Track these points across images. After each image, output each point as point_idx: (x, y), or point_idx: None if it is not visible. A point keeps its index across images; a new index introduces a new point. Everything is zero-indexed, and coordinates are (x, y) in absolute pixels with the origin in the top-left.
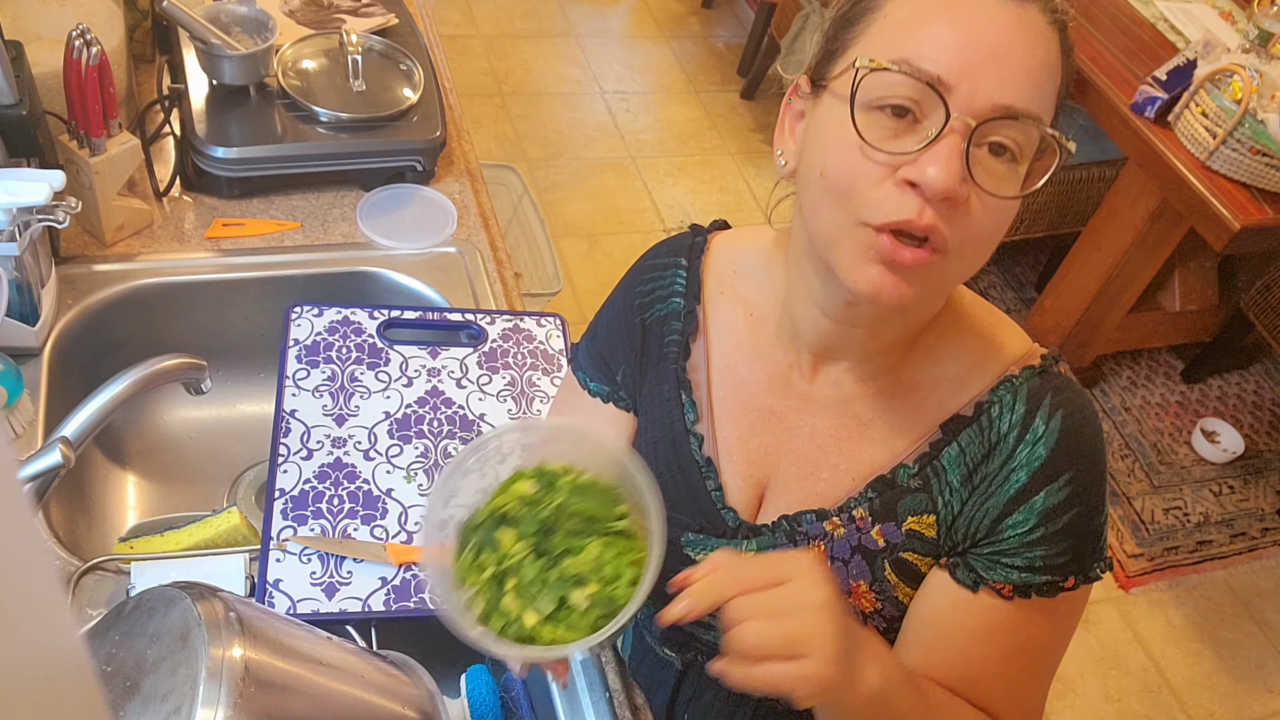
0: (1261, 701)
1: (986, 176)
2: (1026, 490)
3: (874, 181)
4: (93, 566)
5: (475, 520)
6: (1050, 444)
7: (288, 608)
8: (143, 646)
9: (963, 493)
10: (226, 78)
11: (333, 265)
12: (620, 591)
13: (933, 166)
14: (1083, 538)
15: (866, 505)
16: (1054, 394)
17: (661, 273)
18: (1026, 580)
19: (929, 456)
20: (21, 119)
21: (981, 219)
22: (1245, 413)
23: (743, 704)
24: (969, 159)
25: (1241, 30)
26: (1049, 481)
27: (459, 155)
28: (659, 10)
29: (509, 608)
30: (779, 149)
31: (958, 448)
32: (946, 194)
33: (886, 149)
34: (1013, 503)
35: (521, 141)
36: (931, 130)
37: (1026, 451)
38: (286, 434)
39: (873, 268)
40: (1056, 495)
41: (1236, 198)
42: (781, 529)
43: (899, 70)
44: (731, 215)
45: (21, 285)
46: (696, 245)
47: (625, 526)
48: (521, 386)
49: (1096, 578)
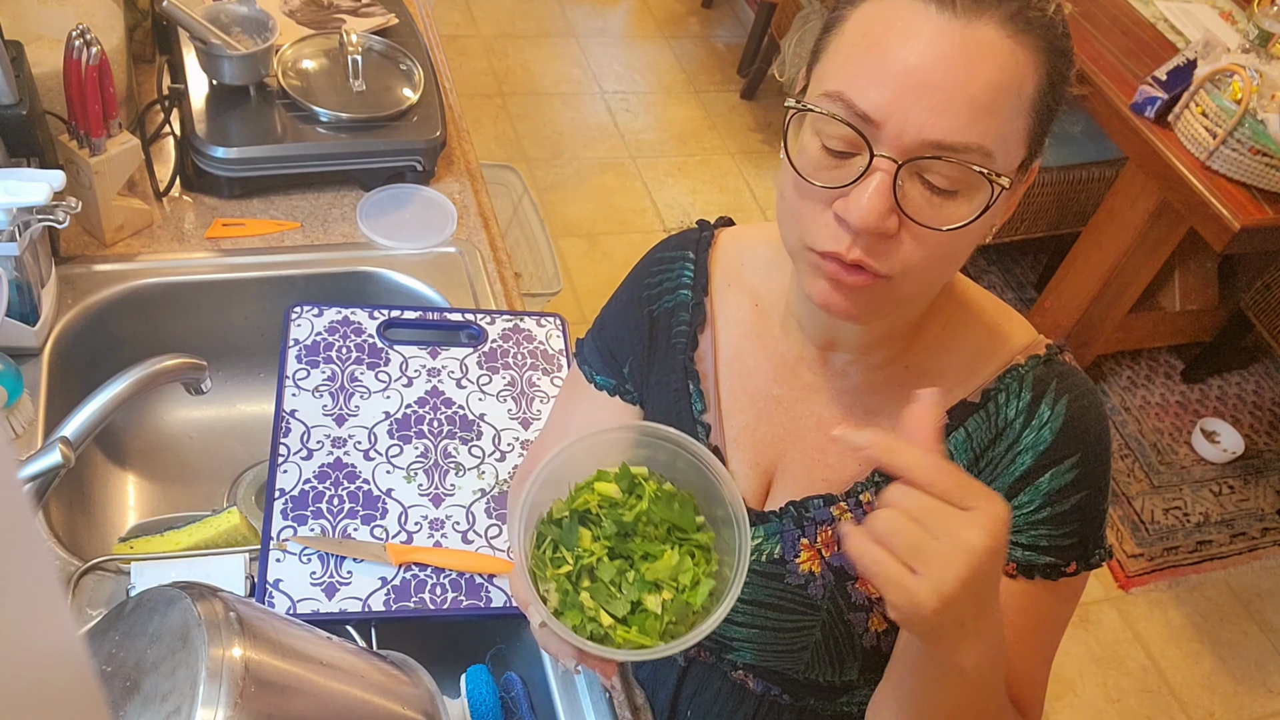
0: (1261, 701)
1: (918, 209)
2: (1031, 472)
3: (816, 211)
4: (93, 566)
5: (555, 515)
6: (1055, 428)
7: (288, 608)
8: (143, 646)
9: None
10: (226, 78)
11: (333, 265)
12: (696, 600)
13: (858, 202)
14: (1087, 522)
15: (874, 490)
16: (1059, 381)
17: (669, 265)
18: (1030, 560)
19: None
20: (21, 119)
21: (914, 248)
22: (1245, 413)
23: (745, 699)
24: (898, 194)
25: (1241, 30)
26: (1054, 464)
27: (459, 155)
28: (659, 10)
29: (586, 604)
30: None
31: (964, 433)
32: (867, 231)
33: (822, 182)
34: (1018, 484)
35: (521, 141)
36: (860, 166)
37: (1032, 436)
38: (286, 434)
39: (822, 282)
40: (1062, 477)
41: (1236, 198)
42: (789, 515)
43: (826, 112)
44: (732, 215)
45: (21, 285)
46: (704, 239)
47: (705, 541)
48: (521, 386)
49: (1098, 564)
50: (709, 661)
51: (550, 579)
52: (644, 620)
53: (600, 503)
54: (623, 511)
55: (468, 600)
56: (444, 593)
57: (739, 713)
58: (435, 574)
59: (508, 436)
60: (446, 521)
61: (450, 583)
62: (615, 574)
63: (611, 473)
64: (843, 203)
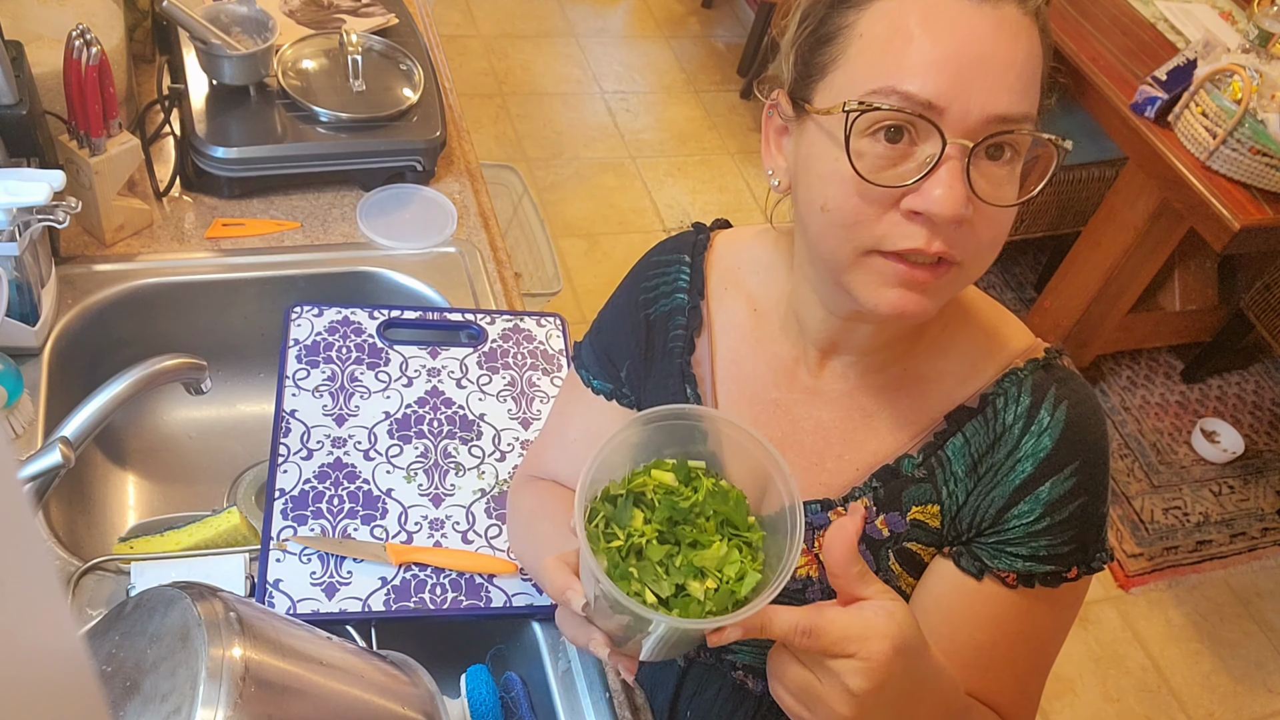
0: (1261, 701)
1: (987, 186)
2: (1032, 480)
3: (878, 214)
4: (93, 566)
5: (610, 492)
6: (1055, 435)
7: (288, 608)
8: (143, 646)
9: (967, 483)
10: (226, 78)
11: (333, 265)
12: (741, 591)
13: (938, 190)
14: (1086, 528)
15: (871, 495)
16: (1058, 386)
17: (665, 269)
18: (1030, 569)
19: (934, 447)
20: (21, 119)
21: (986, 230)
22: (1245, 413)
23: (745, 700)
24: (969, 177)
25: (1241, 30)
26: (1054, 472)
27: (459, 155)
28: (659, 10)
29: (633, 579)
30: (769, 167)
31: (962, 438)
32: (954, 220)
33: (885, 182)
34: (1018, 492)
35: (521, 141)
36: (928, 155)
37: (1032, 442)
38: (286, 434)
39: (892, 290)
40: (1061, 486)
41: (1236, 198)
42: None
43: (888, 107)
44: (731, 215)
45: (21, 285)
46: (700, 242)
47: (755, 540)
48: (521, 386)
49: (1099, 568)
50: (709, 662)
51: (601, 551)
52: (686, 604)
53: (655, 487)
54: (678, 499)
55: (468, 600)
56: (444, 593)
57: (739, 713)
58: (435, 574)
59: (508, 436)
60: (446, 521)
61: (450, 583)
62: (664, 556)
63: (669, 462)
64: (916, 197)
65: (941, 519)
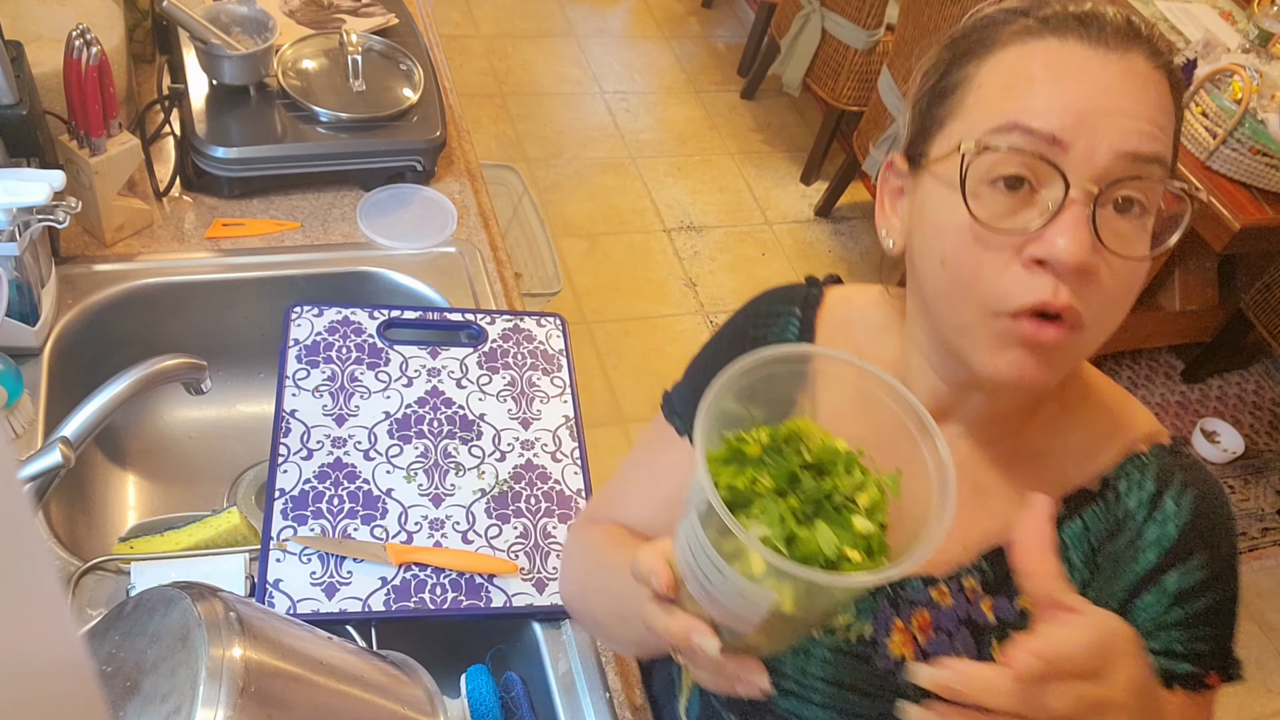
0: (1261, 701)
1: (1114, 238)
2: (1157, 570)
3: (999, 266)
4: (93, 566)
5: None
6: (1181, 523)
7: (288, 608)
8: (143, 646)
9: (1085, 572)
10: (226, 78)
11: (333, 265)
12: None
13: (1062, 238)
14: (1222, 626)
15: (978, 576)
16: (1184, 473)
17: (774, 320)
18: (1168, 668)
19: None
20: (21, 119)
21: (1113, 285)
22: (1245, 413)
23: None
24: (1096, 224)
25: (1241, 30)
26: (1180, 561)
27: (459, 155)
28: (659, 10)
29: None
30: (882, 228)
31: (1081, 523)
32: (1080, 268)
33: (1006, 228)
34: (1143, 582)
35: (521, 141)
36: (1051, 201)
37: (1156, 530)
38: (286, 434)
39: (1012, 352)
40: (1191, 576)
41: (1236, 198)
42: (884, 592)
43: (1008, 148)
44: (731, 215)
45: (21, 285)
46: (812, 296)
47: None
48: (521, 386)
49: (1238, 676)
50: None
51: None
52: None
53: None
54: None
55: (468, 600)
56: (444, 593)
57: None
58: (435, 574)
59: (508, 436)
60: (446, 521)
61: (450, 583)
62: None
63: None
64: (1039, 245)
65: None
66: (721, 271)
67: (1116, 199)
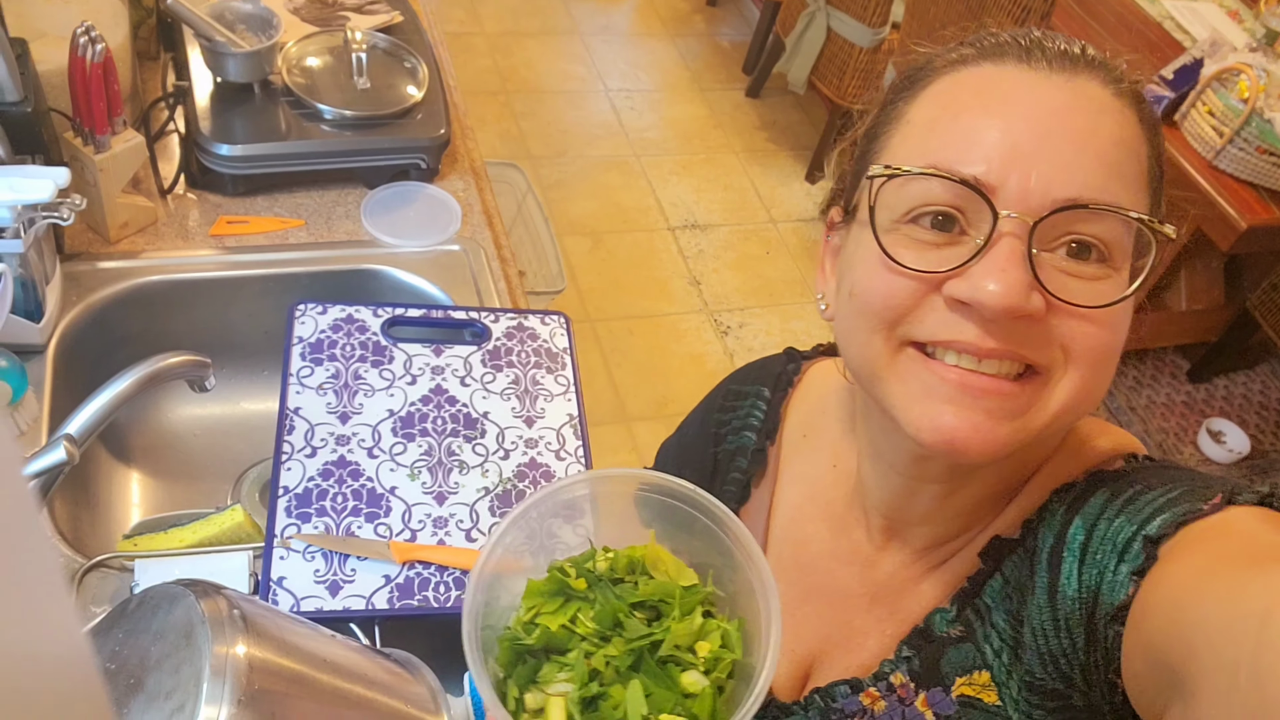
0: None
1: (1070, 284)
2: (1048, 581)
3: (912, 296)
4: (97, 564)
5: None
6: (1057, 530)
7: (291, 605)
8: (146, 644)
9: (1009, 634)
10: (231, 75)
11: (337, 263)
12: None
13: (988, 280)
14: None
15: (905, 667)
16: (1110, 485)
17: (739, 401)
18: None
19: (969, 594)
20: (26, 116)
21: (1083, 334)
22: (1251, 413)
23: None
24: (1034, 263)
25: (1249, 29)
26: (1061, 552)
27: (463, 153)
28: (664, 8)
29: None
30: (819, 291)
31: (1000, 579)
32: (1009, 312)
33: (925, 266)
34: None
35: (526, 139)
36: (980, 237)
37: (1046, 552)
38: (290, 431)
39: (940, 407)
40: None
41: (1243, 197)
42: (815, 705)
43: (921, 171)
44: (735, 213)
45: (26, 282)
46: (785, 375)
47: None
48: (525, 385)
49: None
50: None
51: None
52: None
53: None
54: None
55: None
56: (447, 591)
57: None
58: (439, 572)
59: (511, 435)
60: (450, 519)
61: (454, 581)
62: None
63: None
64: (959, 282)
65: (998, 691)
66: (726, 270)
67: (1069, 242)
